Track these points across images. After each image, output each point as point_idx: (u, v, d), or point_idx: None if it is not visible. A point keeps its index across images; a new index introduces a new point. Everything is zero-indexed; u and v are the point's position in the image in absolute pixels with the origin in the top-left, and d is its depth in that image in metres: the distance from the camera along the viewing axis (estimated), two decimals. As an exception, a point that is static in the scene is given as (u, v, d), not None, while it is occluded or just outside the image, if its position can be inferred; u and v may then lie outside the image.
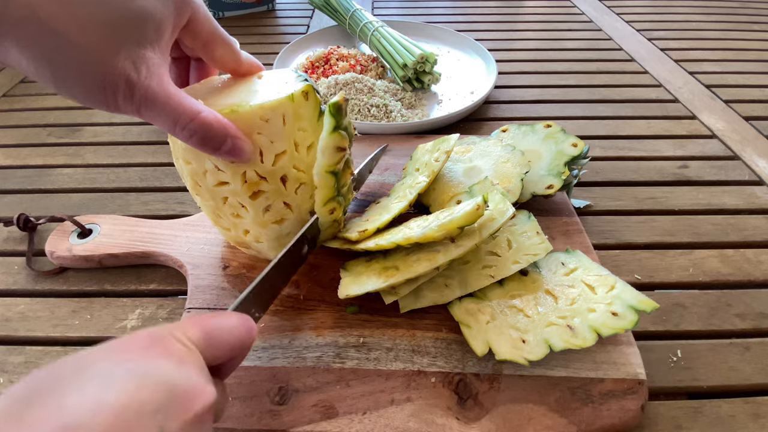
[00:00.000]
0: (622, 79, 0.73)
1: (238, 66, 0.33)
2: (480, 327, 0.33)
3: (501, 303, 0.34)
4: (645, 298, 0.32)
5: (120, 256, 0.41)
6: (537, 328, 0.32)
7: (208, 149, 0.28)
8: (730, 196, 0.51)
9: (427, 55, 0.65)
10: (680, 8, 1.00)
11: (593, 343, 0.30)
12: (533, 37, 0.88)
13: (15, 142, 0.60)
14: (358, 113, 0.60)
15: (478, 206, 0.31)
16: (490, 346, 0.31)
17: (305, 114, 0.32)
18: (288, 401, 0.31)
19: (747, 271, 0.42)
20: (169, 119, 0.26)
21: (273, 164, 0.32)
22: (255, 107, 0.30)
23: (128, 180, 0.53)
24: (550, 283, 0.35)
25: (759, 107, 0.66)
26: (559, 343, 0.31)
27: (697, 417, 0.32)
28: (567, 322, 0.32)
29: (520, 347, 0.31)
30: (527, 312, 0.34)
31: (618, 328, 0.31)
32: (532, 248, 0.37)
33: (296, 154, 0.33)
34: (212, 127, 0.27)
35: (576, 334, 0.31)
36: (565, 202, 0.46)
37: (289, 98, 0.31)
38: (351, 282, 0.35)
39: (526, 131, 0.49)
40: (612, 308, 0.32)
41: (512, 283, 0.36)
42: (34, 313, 0.39)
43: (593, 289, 0.34)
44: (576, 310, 0.33)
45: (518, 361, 0.30)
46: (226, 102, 0.31)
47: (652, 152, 0.57)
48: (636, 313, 0.31)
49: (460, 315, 0.34)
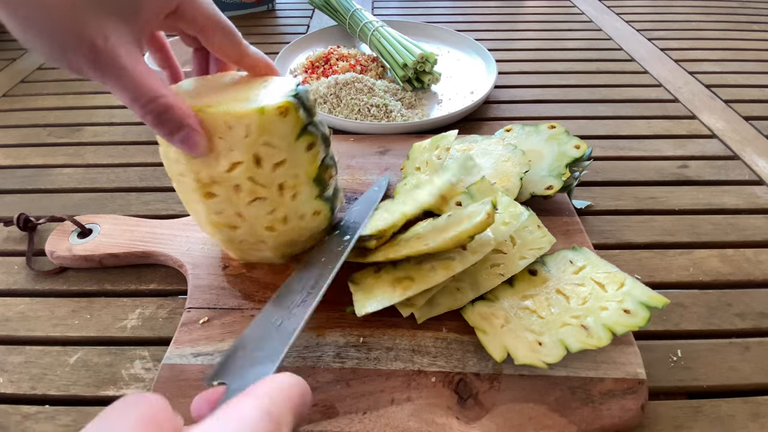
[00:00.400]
0: (622, 79, 0.73)
1: (241, 56, 0.33)
2: (496, 331, 0.32)
3: (513, 305, 0.34)
4: (655, 294, 0.32)
5: (120, 256, 0.41)
6: (552, 329, 0.32)
7: (163, 132, 0.28)
8: (730, 196, 0.51)
9: (427, 55, 0.65)
10: (680, 8, 1.00)
11: (608, 342, 0.30)
12: (533, 37, 0.88)
13: (15, 141, 0.60)
14: (358, 113, 0.60)
15: (488, 214, 0.31)
16: (508, 351, 0.31)
17: (277, 131, 0.31)
18: (288, 401, 0.31)
19: (747, 270, 0.42)
20: (129, 93, 0.26)
21: (227, 171, 0.32)
22: (221, 111, 0.30)
23: (128, 180, 0.53)
24: (560, 282, 0.35)
25: (759, 107, 0.66)
26: (575, 343, 0.31)
27: (697, 417, 0.32)
28: (581, 322, 0.32)
29: (538, 350, 0.31)
30: (540, 313, 0.33)
31: (631, 325, 0.31)
32: (536, 242, 0.37)
33: (256, 168, 0.32)
34: (170, 111, 0.27)
35: (591, 334, 0.31)
36: (566, 202, 0.46)
37: (258, 111, 0.30)
38: (364, 297, 0.34)
39: (529, 131, 0.49)
40: (624, 305, 0.32)
41: (522, 284, 0.36)
42: (34, 312, 0.39)
43: (603, 287, 0.34)
44: (589, 309, 0.33)
45: (537, 365, 0.30)
46: (210, 99, 0.31)
47: (652, 152, 0.57)
48: (648, 310, 0.31)
49: (475, 320, 0.33)
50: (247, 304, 0.37)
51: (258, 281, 0.39)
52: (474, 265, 0.36)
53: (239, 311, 0.37)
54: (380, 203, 0.44)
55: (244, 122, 0.30)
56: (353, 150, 0.54)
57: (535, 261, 0.37)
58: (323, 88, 0.63)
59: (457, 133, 0.47)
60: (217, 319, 0.36)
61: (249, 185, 0.32)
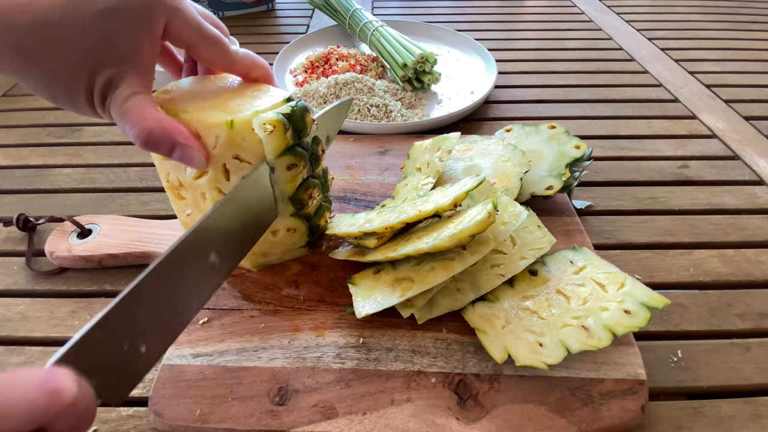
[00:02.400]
0: (622, 79, 0.73)
1: (230, 65, 0.32)
2: (496, 332, 0.32)
3: (514, 305, 0.34)
4: (656, 295, 0.32)
5: (120, 256, 0.41)
6: (552, 329, 0.32)
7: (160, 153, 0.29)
8: (730, 196, 0.51)
9: (427, 55, 0.65)
10: (680, 8, 1.00)
11: (609, 343, 0.30)
12: (533, 36, 0.88)
13: (15, 141, 0.60)
14: (358, 113, 0.60)
15: (489, 213, 0.31)
16: (509, 352, 0.31)
17: (249, 146, 0.31)
18: (288, 402, 0.31)
19: (747, 271, 0.42)
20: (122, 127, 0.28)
21: (194, 178, 0.32)
22: (193, 118, 0.30)
23: (128, 180, 0.53)
24: (561, 283, 0.35)
25: (759, 107, 0.66)
26: (576, 344, 0.31)
27: (698, 417, 0.32)
28: (581, 323, 0.32)
29: (538, 351, 0.31)
30: (541, 314, 0.33)
31: (632, 326, 0.31)
32: (536, 242, 0.37)
33: (224, 179, 0.32)
34: (152, 135, 0.28)
35: (591, 335, 0.31)
36: (565, 203, 0.46)
37: (227, 123, 0.29)
38: (364, 298, 0.34)
39: (529, 131, 0.49)
40: (624, 306, 0.32)
41: (523, 284, 0.36)
42: (33, 313, 0.39)
43: (604, 287, 0.34)
44: (589, 310, 0.33)
45: (538, 366, 0.30)
46: (192, 103, 0.31)
47: (652, 152, 0.57)
48: (648, 310, 0.31)
49: (476, 321, 0.33)
50: (247, 304, 0.37)
51: (258, 282, 0.39)
52: (474, 265, 0.36)
53: (239, 312, 0.37)
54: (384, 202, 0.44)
55: (213, 132, 0.30)
56: (353, 150, 0.54)
57: (536, 261, 0.37)
58: (323, 88, 0.63)
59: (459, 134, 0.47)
60: (217, 320, 0.36)
61: (215, 195, 0.32)
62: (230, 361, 0.33)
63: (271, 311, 0.37)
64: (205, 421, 0.30)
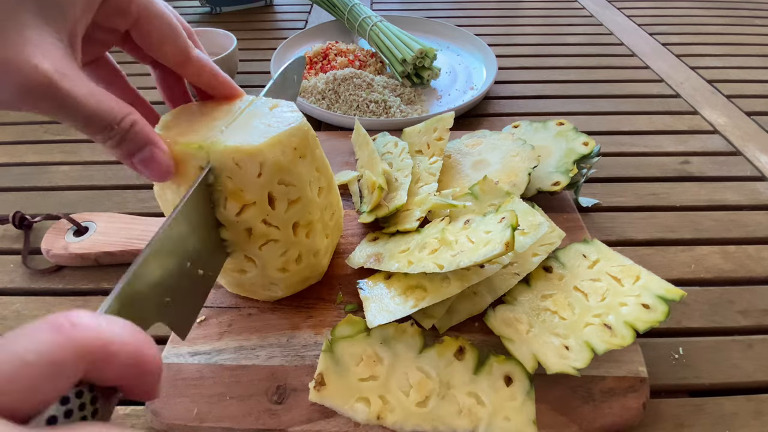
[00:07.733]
0: (623, 75, 0.73)
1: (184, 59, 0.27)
2: (522, 338, 0.32)
3: (534, 307, 0.34)
4: (672, 287, 0.32)
5: (116, 254, 0.41)
6: (576, 330, 0.31)
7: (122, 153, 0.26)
8: (731, 192, 0.50)
9: (426, 50, 0.64)
10: (681, 3, 0.99)
11: (632, 340, 0.30)
12: (534, 32, 0.87)
13: (11, 139, 0.59)
14: (357, 109, 0.60)
15: (507, 244, 0.29)
16: (539, 360, 0.30)
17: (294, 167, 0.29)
18: (286, 400, 0.31)
19: (749, 267, 0.42)
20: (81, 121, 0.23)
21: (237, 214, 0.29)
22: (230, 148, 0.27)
23: (125, 177, 0.53)
24: (577, 279, 0.35)
25: (761, 102, 0.65)
26: (601, 345, 0.30)
27: (699, 415, 0.32)
28: (603, 321, 0.31)
29: (566, 356, 0.30)
30: (562, 314, 0.33)
31: (652, 321, 0.30)
32: (547, 238, 0.37)
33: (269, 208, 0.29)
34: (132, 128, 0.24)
35: (614, 333, 0.30)
36: (567, 199, 0.46)
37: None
38: (376, 308, 0.33)
39: (537, 128, 0.48)
40: (642, 300, 0.31)
41: (539, 282, 0.35)
42: (30, 311, 0.38)
43: (619, 281, 0.34)
44: (608, 306, 0.32)
45: (569, 372, 0.29)
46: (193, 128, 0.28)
47: (653, 148, 0.57)
48: (666, 303, 0.31)
49: (499, 328, 0.33)
50: (244, 302, 0.37)
51: (256, 279, 0.38)
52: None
53: (236, 310, 0.36)
54: None
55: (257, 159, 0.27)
56: (352, 146, 0.53)
57: (548, 257, 0.36)
58: (321, 83, 0.63)
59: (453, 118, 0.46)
60: (214, 318, 0.36)
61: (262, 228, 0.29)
62: (228, 360, 0.33)
63: (270, 309, 0.36)
64: (203, 420, 0.30)
